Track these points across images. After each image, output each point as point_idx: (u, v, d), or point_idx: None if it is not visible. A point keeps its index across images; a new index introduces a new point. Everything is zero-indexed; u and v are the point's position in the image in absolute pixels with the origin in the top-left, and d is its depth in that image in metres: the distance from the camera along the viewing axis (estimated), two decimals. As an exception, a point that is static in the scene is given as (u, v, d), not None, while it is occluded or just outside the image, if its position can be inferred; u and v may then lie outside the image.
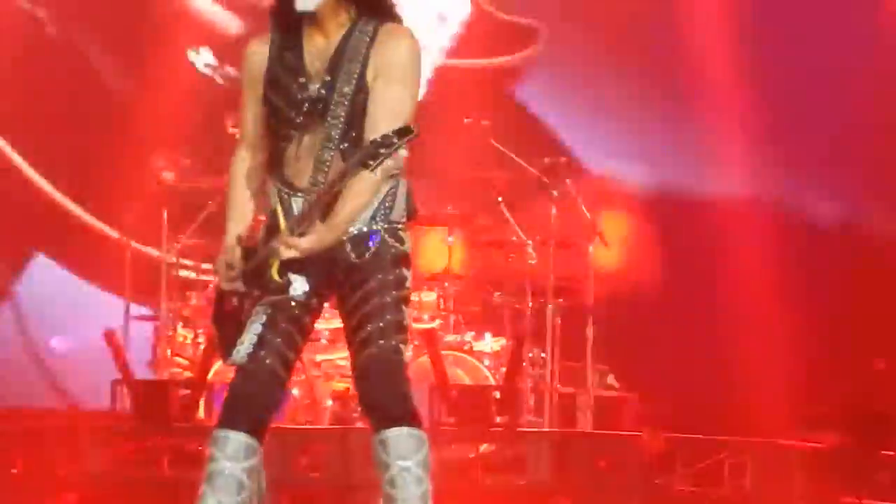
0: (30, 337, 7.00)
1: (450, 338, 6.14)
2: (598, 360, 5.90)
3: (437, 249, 5.92)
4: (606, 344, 5.97)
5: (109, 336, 5.39)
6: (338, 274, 3.14)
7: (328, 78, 3.36)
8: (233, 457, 3.11)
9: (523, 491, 5.38)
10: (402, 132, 2.92)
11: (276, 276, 3.08)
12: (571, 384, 5.81)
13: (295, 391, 5.50)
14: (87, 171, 7.30)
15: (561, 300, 6.00)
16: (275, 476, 3.40)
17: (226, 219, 3.26)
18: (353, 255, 3.10)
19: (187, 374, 5.58)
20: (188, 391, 5.30)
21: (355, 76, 3.34)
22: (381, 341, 3.13)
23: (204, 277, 6.03)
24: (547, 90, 8.01)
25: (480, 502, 5.24)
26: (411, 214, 3.21)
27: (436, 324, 6.19)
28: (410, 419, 3.14)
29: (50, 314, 7.44)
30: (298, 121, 3.22)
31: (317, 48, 3.44)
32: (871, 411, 5.35)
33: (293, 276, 3.08)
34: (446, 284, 5.98)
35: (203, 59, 7.33)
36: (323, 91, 3.28)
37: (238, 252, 3.19)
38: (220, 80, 7.35)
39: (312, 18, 3.33)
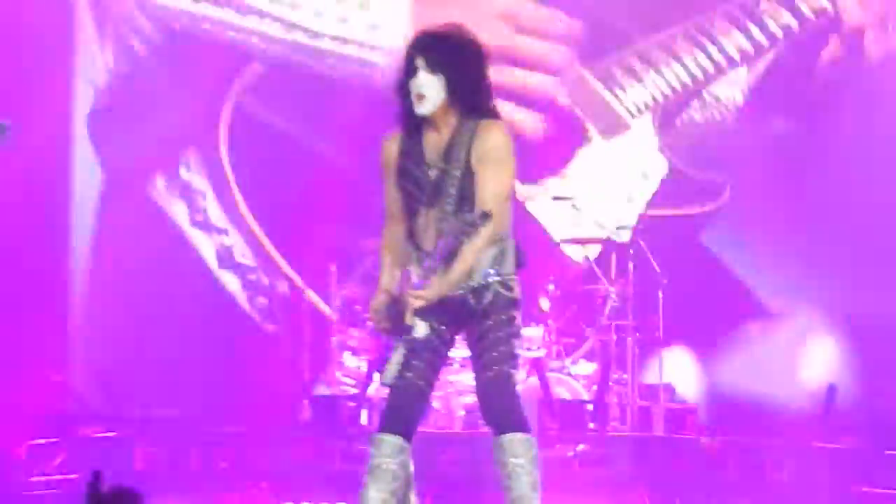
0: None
1: (553, 363, 6.82)
2: (668, 379, 6.81)
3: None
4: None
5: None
6: (465, 316, 3.72)
7: (442, 165, 3.88)
8: (388, 455, 3.60)
9: (610, 482, 6.03)
10: (485, 216, 3.59)
11: (407, 320, 3.67)
12: (648, 398, 6.60)
13: (435, 404, 6.28)
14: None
15: (638, 335, 6.69)
16: (420, 470, 3.79)
17: (379, 274, 3.90)
18: (473, 303, 3.70)
19: (353, 390, 6.55)
20: (354, 404, 6.28)
21: (463, 163, 3.84)
22: (496, 367, 3.71)
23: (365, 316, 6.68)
24: (731, 236, 8.51)
25: (577, 491, 5.78)
26: (520, 266, 3.75)
27: (542, 353, 6.83)
28: (521, 427, 3.71)
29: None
30: (423, 199, 3.81)
31: (433, 142, 3.94)
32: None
33: (417, 321, 3.65)
34: (549, 322, 6.72)
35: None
36: (439, 176, 3.86)
37: (383, 300, 3.76)
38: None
39: (429, 120, 3.90)
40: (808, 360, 8.05)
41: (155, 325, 7.68)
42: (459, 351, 4.94)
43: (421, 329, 3.70)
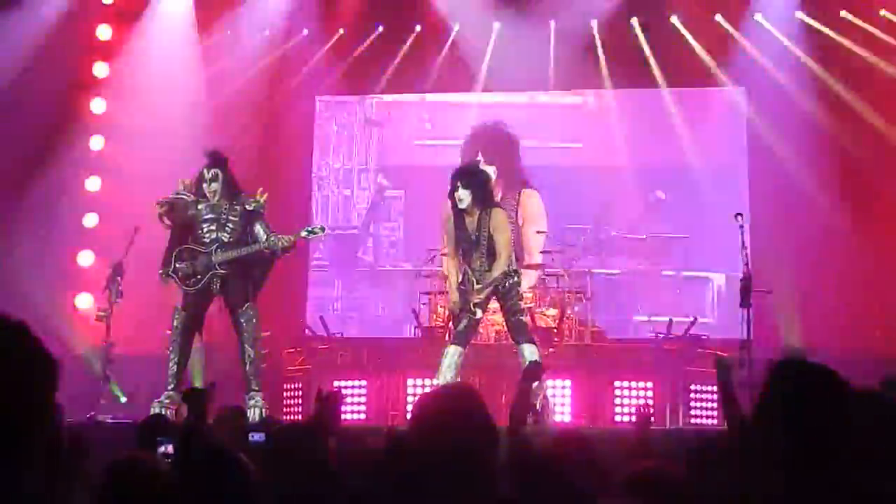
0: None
1: (536, 310, 10.66)
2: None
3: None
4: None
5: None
6: (499, 291, 8.64)
7: (476, 232, 8.53)
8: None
9: (565, 366, 10.15)
10: (511, 273, 8.59)
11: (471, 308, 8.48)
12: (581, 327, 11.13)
13: (481, 331, 11.35)
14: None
15: (577, 294, 10.88)
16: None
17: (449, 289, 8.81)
18: (500, 288, 8.63)
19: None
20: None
21: (486, 230, 8.50)
22: (516, 314, 8.57)
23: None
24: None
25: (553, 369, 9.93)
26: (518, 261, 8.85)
27: (532, 304, 10.52)
28: (531, 341, 8.47)
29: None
30: (469, 248, 8.61)
31: (470, 219, 8.53)
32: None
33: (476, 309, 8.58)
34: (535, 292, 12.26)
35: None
36: (475, 237, 8.51)
37: (457, 297, 8.38)
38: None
39: (465, 209, 8.42)
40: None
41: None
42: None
43: (479, 312, 8.44)
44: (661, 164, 12.89)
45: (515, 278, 8.73)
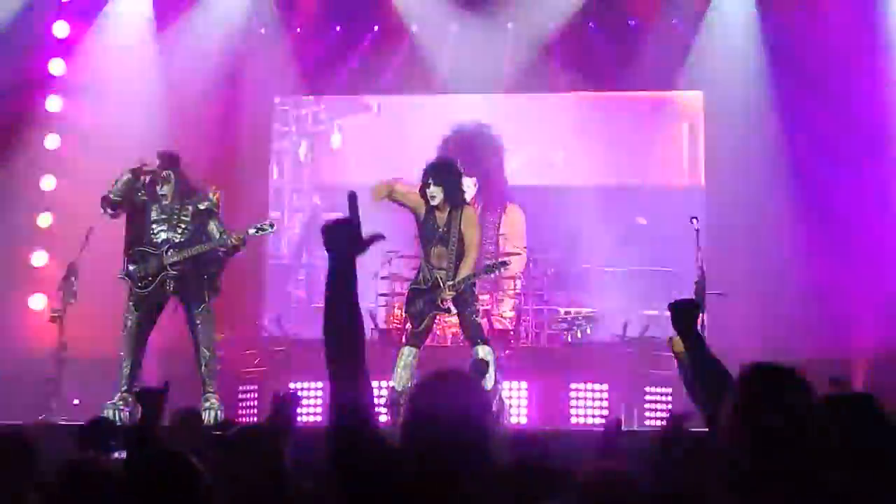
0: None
1: (494, 311, 11.54)
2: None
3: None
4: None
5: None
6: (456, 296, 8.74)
7: (445, 228, 8.61)
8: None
9: (519, 367, 10.88)
10: (500, 264, 9.00)
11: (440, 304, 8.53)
12: (537, 329, 11.79)
13: (439, 332, 11.50)
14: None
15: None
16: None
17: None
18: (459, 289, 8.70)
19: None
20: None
21: (457, 229, 8.55)
22: (473, 318, 8.68)
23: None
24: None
25: (509, 370, 9.86)
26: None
27: (488, 306, 11.26)
28: (486, 343, 8.54)
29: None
30: (436, 245, 8.62)
31: (440, 215, 8.59)
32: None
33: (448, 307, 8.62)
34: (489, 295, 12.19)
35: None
36: (444, 234, 8.58)
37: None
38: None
39: (436, 206, 8.39)
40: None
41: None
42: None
43: (452, 309, 8.65)
44: (620, 171, 12.85)
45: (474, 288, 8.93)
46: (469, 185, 10.22)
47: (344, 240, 2.86)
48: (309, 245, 13.28)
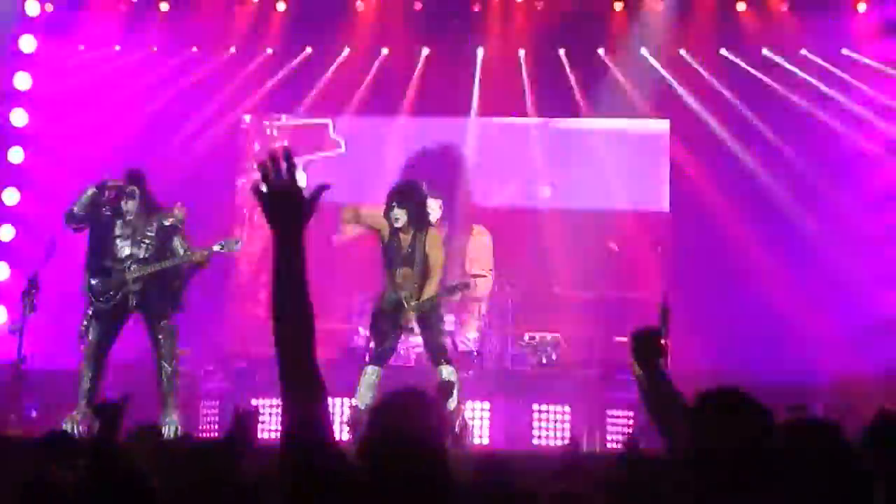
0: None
1: (459, 333, 12.49)
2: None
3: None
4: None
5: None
6: (420, 316, 8.90)
7: (410, 249, 8.60)
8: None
9: (485, 387, 10.64)
10: (463, 286, 9.02)
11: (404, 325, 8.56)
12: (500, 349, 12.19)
13: (402, 352, 11.42)
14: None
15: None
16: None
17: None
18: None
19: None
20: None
21: (422, 250, 8.52)
22: (437, 339, 8.67)
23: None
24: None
25: (471, 391, 9.78)
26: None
27: (452, 328, 11.22)
28: (449, 363, 8.50)
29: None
30: (399, 266, 8.57)
31: (404, 236, 8.54)
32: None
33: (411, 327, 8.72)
34: (455, 316, 12.32)
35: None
36: (408, 255, 8.57)
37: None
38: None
39: (400, 228, 8.34)
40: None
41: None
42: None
43: (415, 329, 8.76)
44: (586, 198, 12.87)
45: (438, 302, 8.94)
46: (434, 207, 10.23)
47: (288, 207, 2.68)
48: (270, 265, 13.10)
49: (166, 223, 8.97)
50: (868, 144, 12.05)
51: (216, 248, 9.00)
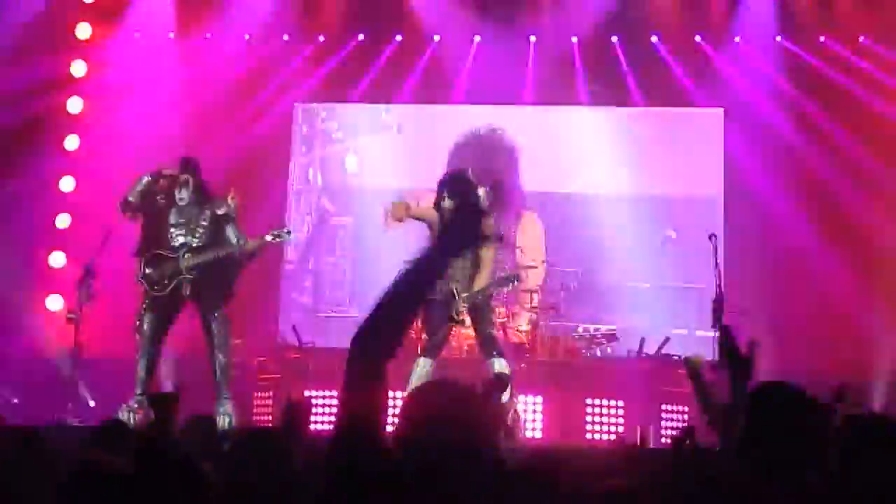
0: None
1: (509, 324, 11.28)
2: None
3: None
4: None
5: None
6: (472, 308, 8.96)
7: None
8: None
9: (538, 379, 10.57)
10: (514, 277, 9.03)
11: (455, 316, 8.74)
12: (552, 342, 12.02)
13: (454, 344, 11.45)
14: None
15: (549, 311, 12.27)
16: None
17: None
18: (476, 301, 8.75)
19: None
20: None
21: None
22: (489, 331, 8.81)
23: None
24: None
25: (525, 380, 9.67)
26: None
27: (504, 319, 10.67)
28: (502, 356, 8.65)
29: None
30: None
31: None
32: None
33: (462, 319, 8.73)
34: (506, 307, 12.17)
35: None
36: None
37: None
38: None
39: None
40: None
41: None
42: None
43: (466, 321, 8.70)
44: (639, 186, 12.79)
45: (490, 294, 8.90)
46: (481, 195, 10.11)
47: (470, 228, 2.65)
48: (317, 250, 13.04)
49: (219, 212, 9.01)
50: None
51: (268, 237, 9.05)
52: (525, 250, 11.92)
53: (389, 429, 2.83)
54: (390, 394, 8.18)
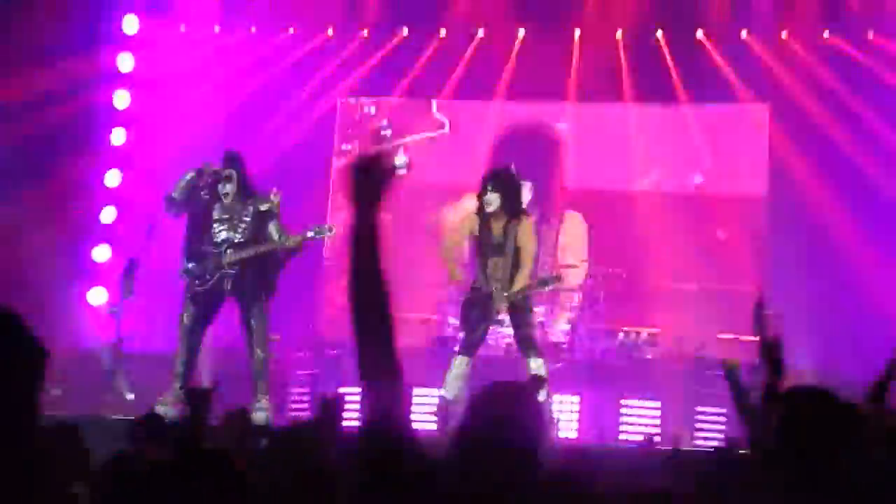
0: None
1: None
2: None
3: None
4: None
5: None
6: (511, 307, 8.80)
7: (502, 240, 8.51)
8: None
9: (571, 376, 10.32)
10: (555, 278, 8.89)
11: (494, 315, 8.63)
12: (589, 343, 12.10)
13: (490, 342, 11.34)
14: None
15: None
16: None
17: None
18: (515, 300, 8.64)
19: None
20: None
21: (513, 240, 8.41)
22: (527, 330, 8.70)
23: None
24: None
25: (561, 378, 9.70)
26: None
27: (542, 319, 10.83)
28: (540, 356, 8.49)
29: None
30: (490, 255, 8.49)
31: (496, 224, 8.43)
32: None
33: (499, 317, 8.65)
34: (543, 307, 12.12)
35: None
36: (500, 244, 8.51)
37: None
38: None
39: (492, 213, 8.36)
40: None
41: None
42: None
43: (505, 321, 8.68)
44: (684, 183, 12.68)
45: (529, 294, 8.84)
46: (525, 191, 10.06)
47: (370, 183, 2.56)
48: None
49: (262, 208, 9.03)
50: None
51: (309, 234, 9.06)
52: (566, 249, 11.84)
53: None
54: (424, 390, 8.22)
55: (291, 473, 3.99)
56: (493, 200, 8.29)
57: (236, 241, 8.99)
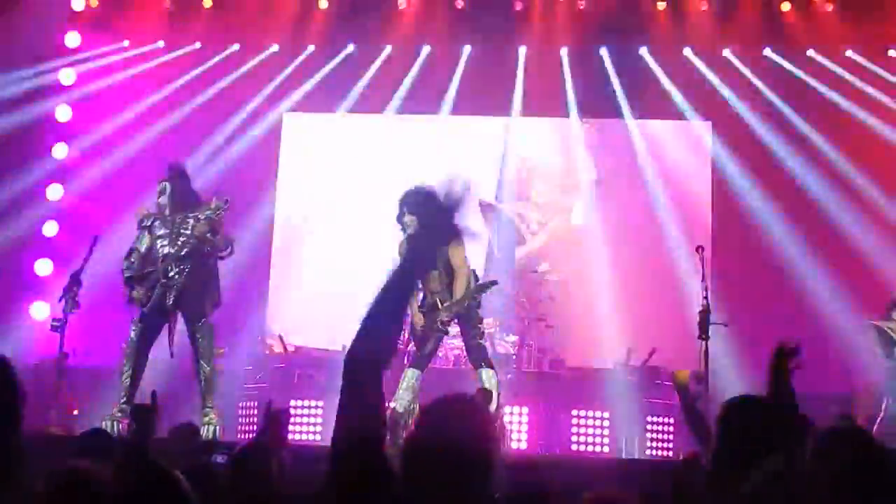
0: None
1: (496, 335, 12.04)
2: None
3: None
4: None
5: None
6: (460, 318, 8.99)
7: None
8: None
9: (522, 387, 10.82)
10: (491, 283, 8.70)
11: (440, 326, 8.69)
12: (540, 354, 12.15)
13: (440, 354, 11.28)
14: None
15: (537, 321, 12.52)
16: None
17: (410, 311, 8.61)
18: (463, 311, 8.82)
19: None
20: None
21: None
22: (476, 341, 8.77)
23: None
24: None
25: (513, 390, 10.04)
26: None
27: (492, 330, 10.78)
28: (490, 367, 8.50)
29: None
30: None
31: None
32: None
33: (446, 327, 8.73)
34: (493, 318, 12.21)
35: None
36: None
37: (420, 318, 8.46)
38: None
39: (412, 233, 8.29)
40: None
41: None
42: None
43: (449, 331, 8.72)
44: (629, 199, 12.83)
45: (477, 300, 8.86)
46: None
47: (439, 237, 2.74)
48: (298, 261, 13.11)
49: (201, 217, 8.89)
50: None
51: (208, 212, 8.84)
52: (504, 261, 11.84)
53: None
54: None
55: (237, 489, 3.97)
56: (410, 222, 8.31)
57: (174, 254, 8.88)
